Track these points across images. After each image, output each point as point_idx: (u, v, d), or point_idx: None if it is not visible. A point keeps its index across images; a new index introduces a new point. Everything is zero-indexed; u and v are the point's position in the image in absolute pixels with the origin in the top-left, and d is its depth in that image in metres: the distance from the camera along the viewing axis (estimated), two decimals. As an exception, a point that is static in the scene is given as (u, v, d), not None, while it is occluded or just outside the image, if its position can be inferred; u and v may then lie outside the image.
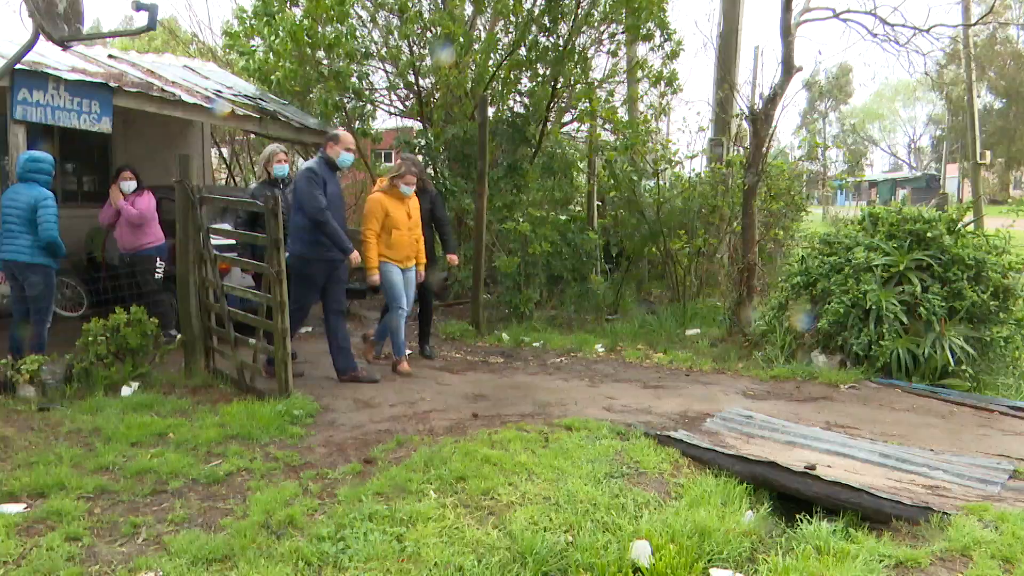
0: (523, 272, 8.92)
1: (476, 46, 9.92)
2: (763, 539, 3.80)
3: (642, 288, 10.16)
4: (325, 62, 9.85)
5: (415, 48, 9.86)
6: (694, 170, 10.53)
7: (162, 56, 11.53)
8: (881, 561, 3.27)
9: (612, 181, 9.43)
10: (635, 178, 9.18)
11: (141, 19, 6.61)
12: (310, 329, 9.01)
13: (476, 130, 8.37)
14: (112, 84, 7.28)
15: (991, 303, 6.01)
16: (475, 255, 8.33)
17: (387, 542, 3.32)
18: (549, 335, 8.27)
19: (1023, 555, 3.21)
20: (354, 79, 9.80)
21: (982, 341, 6.03)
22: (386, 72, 11.27)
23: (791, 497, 4.12)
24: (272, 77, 9.50)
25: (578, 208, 11.34)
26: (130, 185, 7.32)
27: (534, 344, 8.02)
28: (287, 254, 5.98)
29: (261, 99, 9.80)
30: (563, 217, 10.18)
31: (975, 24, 12.85)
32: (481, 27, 11.01)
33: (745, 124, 8.52)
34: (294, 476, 4.12)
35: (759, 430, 4.98)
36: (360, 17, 10.46)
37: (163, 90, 8.10)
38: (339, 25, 9.28)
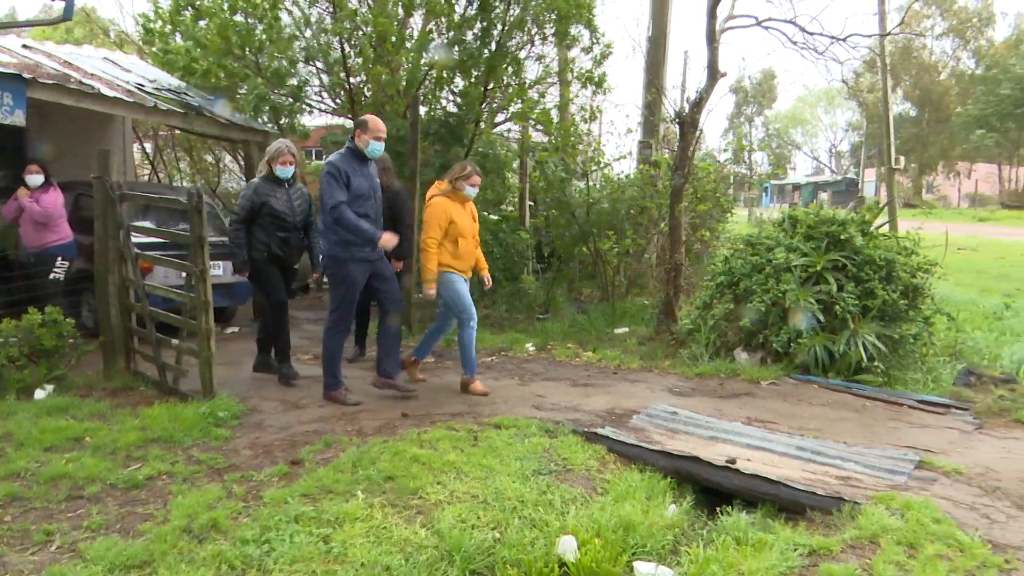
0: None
1: (409, 45, 9.89)
2: (686, 531, 3.91)
3: (573, 288, 10.29)
4: (256, 58, 9.65)
5: (346, 46, 9.75)
6: (623, 172, 10.72)
7: (81, 47, 11.13)
8: (796, 550, 3.40)
9: (543, 182, 9.52)
10: (566, 179, 9.29)
11: (60, 8, 6.39)
12: (237, 329, 8.83)
13: (408, 129, 8.33)
14: (26, 75, 6.99)
15: (901, 302, 6.30)
16: (407, 255, 8.28)
17: (313, 543, 3.29)
18: (480, 334, 8.25)
19: (926, 541, 3.38)
20: (293, 81, 9.63)
21: (893, 338, 6.30)
22: (317, 69, 11.12)
23: (713, 490, 4.23)
24: (195, 66, 9.22)
25: (510, 208, 11.41)
26: (36, 179, 7.04)
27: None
28: (320, 255, 5.90)
29: (186, 93, 9.56)
30: (495, 217, 10.23)
31: (888, 35, 13.38)
32: (414, 25, 10.98)
33: (673, 127, 8.70)
34: (218, 479, 4.04)
35: (684, 426, 5.11)
36: (292, 13, 10.30)
37: (81, 83, 7.82)
38: (270, 22, 9.09)
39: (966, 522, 3.62)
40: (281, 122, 9.97)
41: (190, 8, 9.57)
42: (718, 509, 4.02)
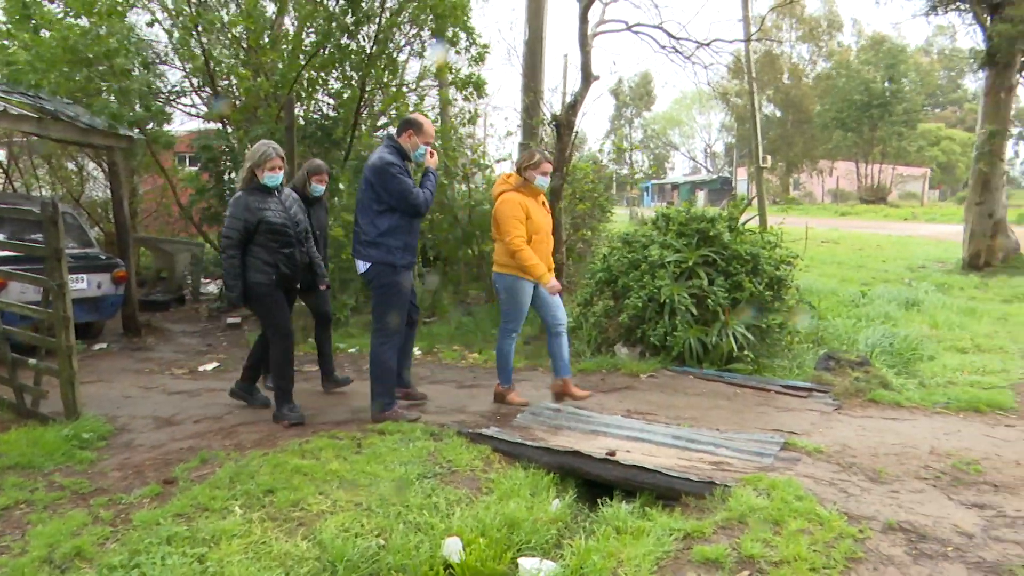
0: (338, 277, 8.78)
1: (284, 46, 9.66)
2: (569, 525, 4.00)
3: (459, 290, 10.31)
4: (110, 65, 9.15)
5: (212, 49, 9.42)
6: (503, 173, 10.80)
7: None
8: (671, 535, 3.53)
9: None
10: (447, 182, 9.30)
11: None
12: (105, 345, 8.38)
13: (284, 132, 8.13)
14: None
15: (767, 293, 6.65)
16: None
17: (187, 564, 3.17)
18: (366, 340, 8.17)
19: (790, 517, 3.59)
20: (158, 85, 9.20)
21: (761, 328, 6.65)
22: (185, 72, 10.69)
23: (595, 482, 4.35)
24: (43, 81, 8.66)
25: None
26: None
27: (350, 350, 7.92)
28: (367, 265, 5.17)
29: (41, 97, 8.98)
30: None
31: (746, 41, 14.12)
32: (290, 25, 10.72)
33: (551, 129, 8.85)
34: (83, 504, 3.83)
35: (566, 421, 5.22)
36: (154, 15, 9.85)
37: (-83, 86, 7.22)
38: (118, 30, 8.62)
39: (825, 497, 3.86)
40: (148, 128, 9.52)
41: (29, 20, 8.95)
42: (599, 501, 4.13)
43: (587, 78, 7.80)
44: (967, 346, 7.51)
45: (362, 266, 5.22)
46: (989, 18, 12.50)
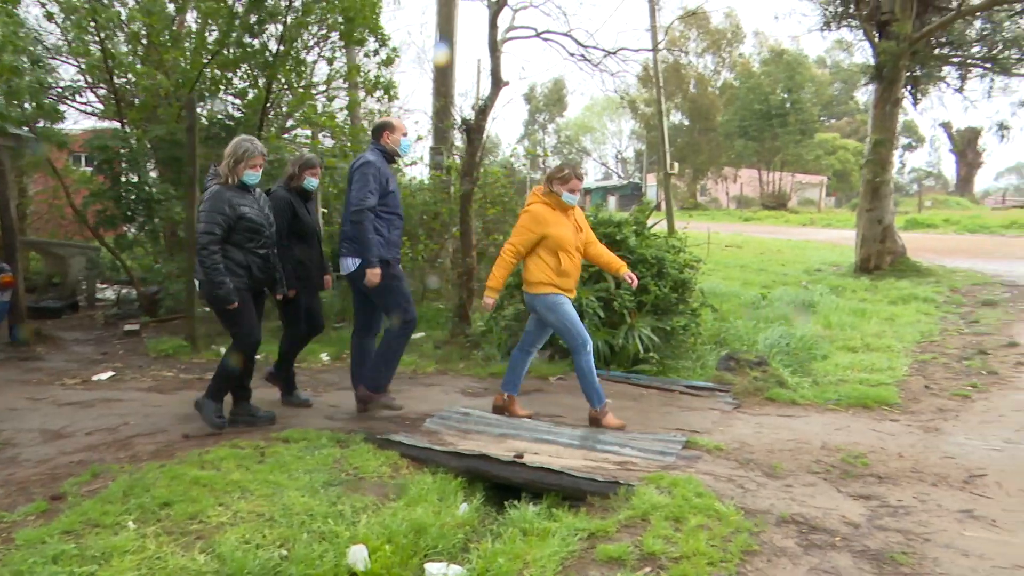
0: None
1: (186, 43, 9.35)
2: (476, 528, 4.00)
3: (370, 295, 10.19)
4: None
5: (108, 45, 9.02)
6: (415, 177, 10.78)
7: None
8: (576, 535, 3.59)
9: (335, 189, 9.34)
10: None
11: None
12: (-11, 355, 7.91)
13: (185, 132, 7.87)
14: None
15: (671, 296, 6.84)
16: (187, 267, 7.84)
17: (74, 583, 3.02)
18: (272, 347, 7.98)
19: (690, 514, 3.70)
20: (48, 83, 8.72)
21: (666, 330, 6.83)
22: (80, 68, 10.21)
23: (504, 485, 4.37)
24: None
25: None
26: None
27: (256, 357, 7.71)
28: (354, 261, 5.23)
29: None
30: (286, 224, 9.89)
31: (653, 51, 14.49)
32: (192, 22, 10.37)
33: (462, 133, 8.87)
34: (-40, 525, 3.60)
35: (476, 425, 5.23)
36: (47, 9, 9.35)
37: None
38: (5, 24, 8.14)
39: (724, 493, 3.99)
40: (37, 125, 9.04)
41: None
42: (507, 503, 4.16)
43: (497, 83, 7.86)
44: (857, 345, 7.90)
45: (349, 264, 5.27)
46: (877, 35, 13.21)
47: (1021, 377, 6.78)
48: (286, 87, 9.65)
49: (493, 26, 7.86)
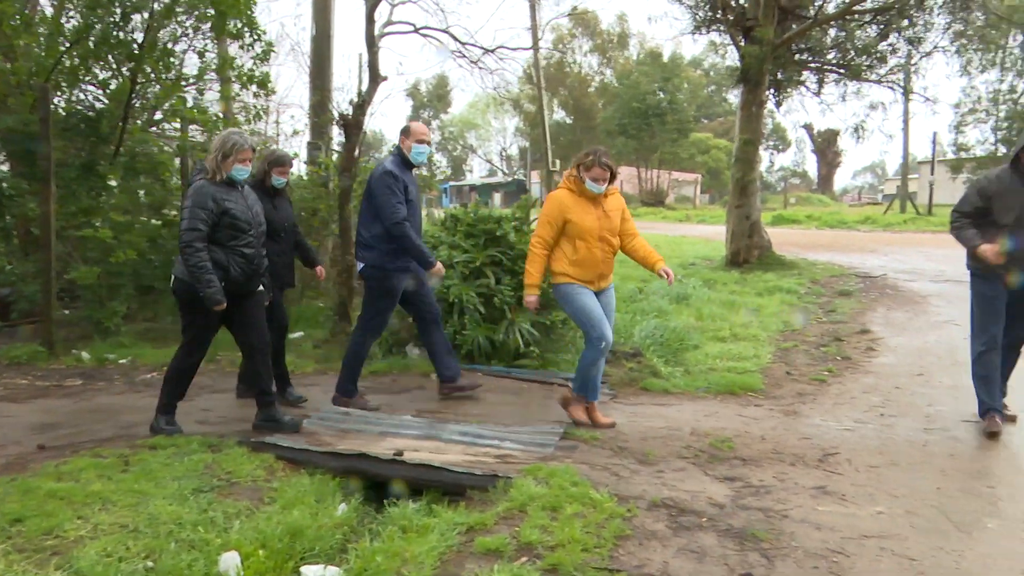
0: (106, 283, 8.09)
1: (41, 29, 8.73)
2: (355, 528, 3.96)
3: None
4: None
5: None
6: (292, 173, 10.48)
7: None
8: (455, 529, 3.60)
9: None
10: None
11: None
12: None
13: (39, 124, 7.37)
14: None
15: (549, 291, 6.95)
16: (43, 267, 7.35)
17: (-91, 611, 2.79)
18: (140, 350, 7.62)
19: (566, 502, 3.79)
20: None
21: (545, 324, 6.96)
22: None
23: (384, 484, 4.34)
24: None
25: (174, 213, 10.58)
26: None
27: (121, 361, 7.34)
28: (360, 264, 5.55)
29: None
30: (156, 222, 9.44)
31: (532, 49, 14.71)
32: (48, 6, 9.70)
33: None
34: None
35: (355, 424, 5.16)
36: None
37: None
38: None
39: (599, 481, 4.11)
40: None
41: None
42: (387, 502, 4.13)
43: (375, 78, 7.77)
44: (726, 335, 8.29)
45: (359, 266, 5.61)
46: (743, 40, 13.89)
47: (871, 361, 7.31)
48: (153, 78, 9.19)
49: (370, 20, 7.77)
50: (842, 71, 15.53)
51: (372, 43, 7.76)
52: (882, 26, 14.57)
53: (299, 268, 6.40)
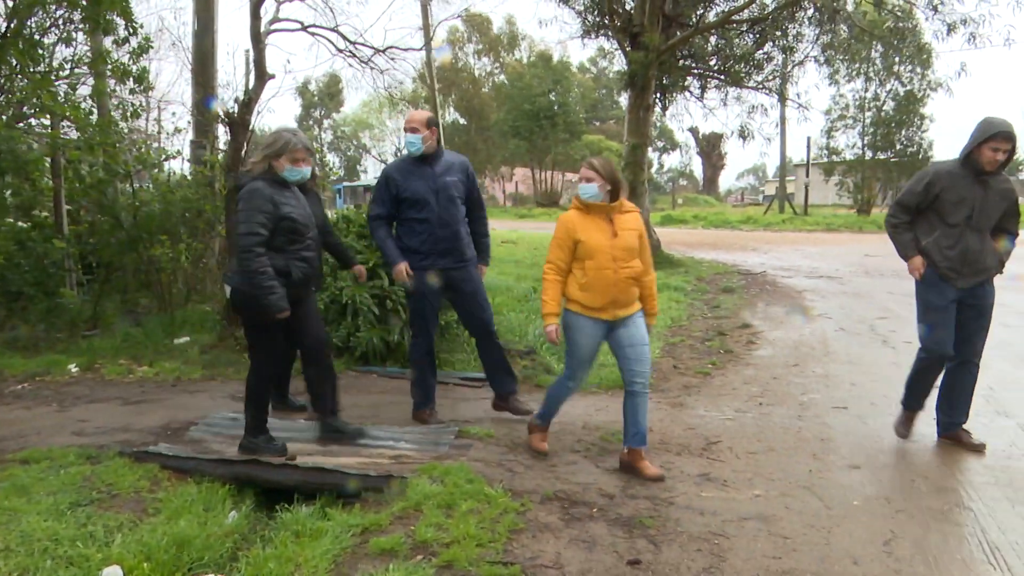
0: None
1: None
2: (246, 536, 3.87)
3: (126, 299, 9.41)
4: None
5: None
6: (175, 172, 10.12)
7: None
8: (350, 531, 3.59)
9: (80, 184, 8.52)
10: (106, 180, 8.42)
11: None
12: None
13: None
14: None
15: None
16: None
17: None
18: (7, 360, 7.16)
19: (461, 500, 3.83)
20: None
21: (440, 325, 6.95)
22: None
23: (277, 489, 4.26)
24: None
25: (45, 214, 9.99)
26: None
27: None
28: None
29: None
30: (23, 224, 8.88)
31: (424, 49, 14.71)
32: None
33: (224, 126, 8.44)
34: None
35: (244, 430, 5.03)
36: None
37: None
38: None
39: (494, 477, 4.18)
40: None
41: None
42: (279, 507, 4.06)
43: (261, 76, 7.58)
44: (617, 332, 8.53)
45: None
46: (630, 46, 14.32)
47: (751, 354, 7.70)
48: (19, 72, 8.64)
49: (255, 16, 7.57)
50: (723, 77, 16.25)
51: (258, 40, 7.56)
52: (758, 35, 15.34)
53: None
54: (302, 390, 5.22)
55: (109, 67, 8.25)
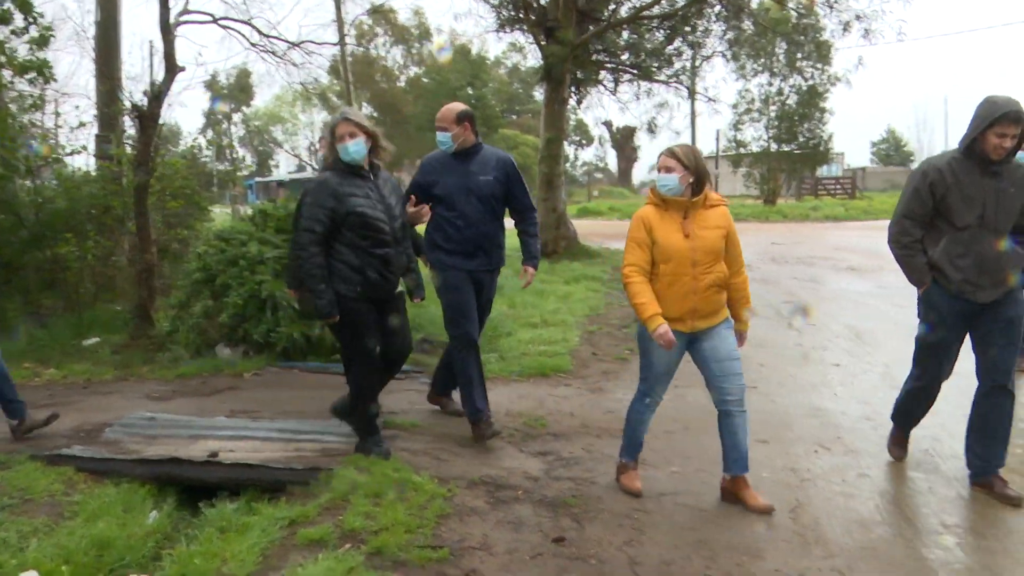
0: None
1: None
2: (169, 535, 3.84)
3: (29, 299, 9.00)
4: None
5: None
6: (80, 168, 9.73)
7: None
8: (277, 524, 3.59)
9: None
10: (6, 176, 8.03)
11: None
12: None
13: None
14: None
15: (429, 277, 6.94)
16: None
17: None
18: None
19: (388, 488, 3.87)
20: None
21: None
22: None
23: (200, 487, 4.21)
24: None
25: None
26: None
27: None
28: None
29: None
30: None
31: (339, 44, 14.56)
32: None
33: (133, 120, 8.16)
34: None
35: (163, 430, 4.94)
36: None
37: None
38: None
39: (421, 465, 4.24)
40: None
41: None
42: (201, 504, 4.02)
43: (171, 68, 7.37)
44: (537, 322, 8.67)
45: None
46: (545, 40, 14.49)
47: (666, 340, 7.95)
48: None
49: (164, 7, 7.35)
50: (635, 71, 16.63)
51: (167, 31, 7.35)
52: (668, 31, 15.77)
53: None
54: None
55: (4, 59, 7.85)
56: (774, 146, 33.31)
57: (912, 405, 4.33)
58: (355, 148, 4.06)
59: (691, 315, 3.79)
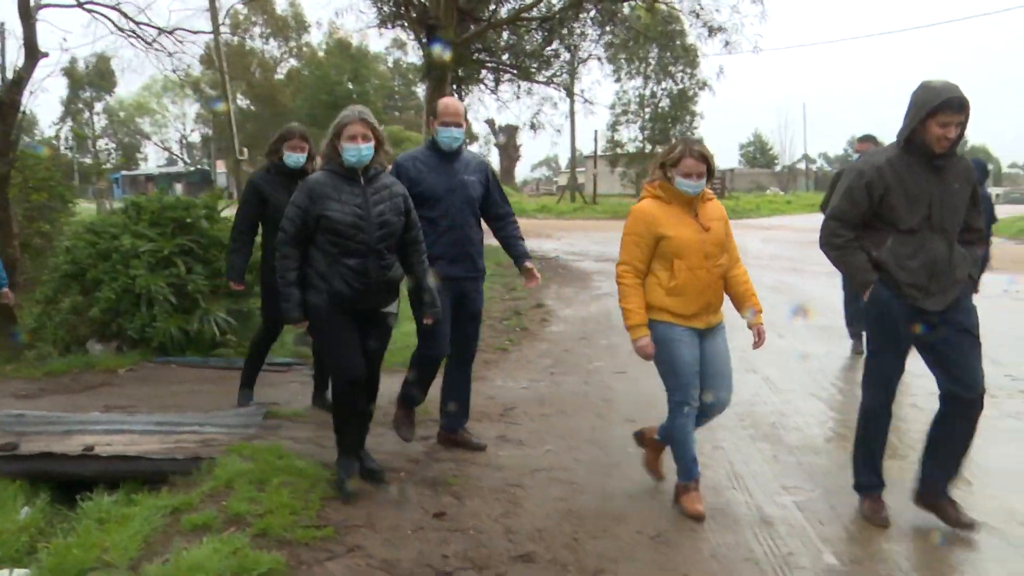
0: None
1: None
2: (44, 529, 3.78)
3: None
4: None
5: None
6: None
7: None
8: (159, 512, 3.60)
9: None
10: None
11: None
12: None
13: None
14: None
15: (248, 278, 6.92)
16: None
17: None
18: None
19: (273, 475, 3.95)
20: None
21: (243, 312, 6.92)
22: None
23: (76, 482, 4.14)
24: None
25: None
26: None
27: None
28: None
29: None
30: None
31: (213, 33, 14.18)
32: None
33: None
34: None
35: (33, 427, 4.77)
36: None
37: None
38: None
39: (305, 453, 4.34)
40: None
41: None
42: (78, 498, 3.97)
43: (32, 54, 7.06)
44: (421, 315, 8.84)
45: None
46: (425, 37, 14.63)
47: (545, 331, 8.32)
48: None
49: (24, -10, 7.04)
50: (515, 71, 17.02)
51: (27, 15, 7.04)
52: (546, 33, 16.24)
53: None
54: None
55: None
56: (648, 146, 34.69)
57: (870, 432, 3.71)
58: (366, 151, 3.79)
59: (705, 310, 3.71)
